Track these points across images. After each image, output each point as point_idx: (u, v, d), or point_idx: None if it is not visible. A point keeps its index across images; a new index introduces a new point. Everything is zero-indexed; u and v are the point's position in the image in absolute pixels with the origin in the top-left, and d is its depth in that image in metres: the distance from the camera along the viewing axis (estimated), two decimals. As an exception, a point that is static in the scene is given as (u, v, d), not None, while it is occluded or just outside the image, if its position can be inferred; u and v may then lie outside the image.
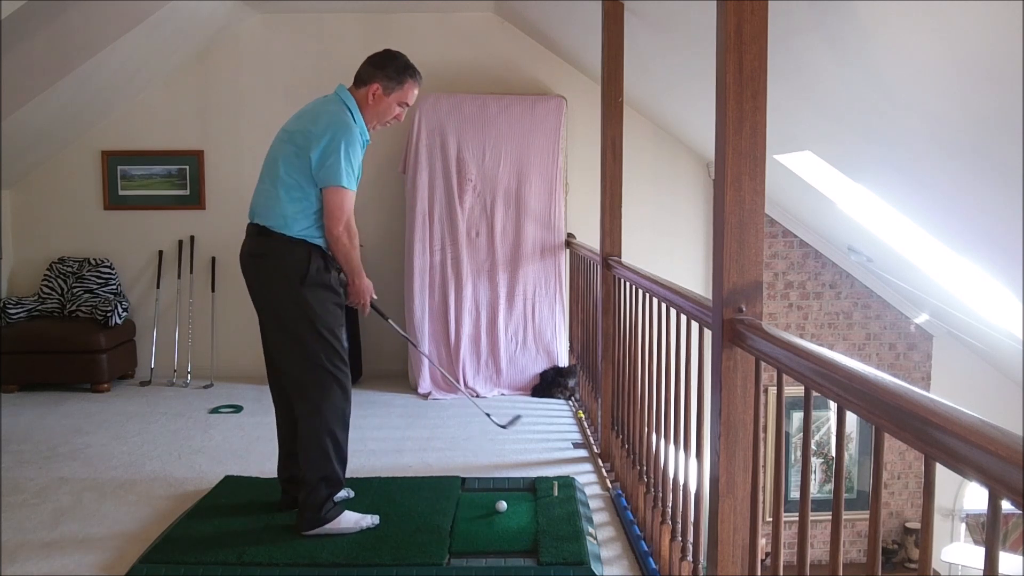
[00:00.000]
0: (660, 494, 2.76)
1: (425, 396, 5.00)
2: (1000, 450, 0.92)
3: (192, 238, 5.66)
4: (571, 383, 4.99)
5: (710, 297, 1.97)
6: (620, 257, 3.69)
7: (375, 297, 2.95)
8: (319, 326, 2.72)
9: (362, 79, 2.80)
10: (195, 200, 5.64)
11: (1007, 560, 5.93)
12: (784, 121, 3.91)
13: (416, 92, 2.87)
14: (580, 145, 5.49)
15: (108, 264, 5.55)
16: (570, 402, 4.89)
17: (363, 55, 5.75)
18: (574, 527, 2.83)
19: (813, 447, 2.38)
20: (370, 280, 2.91)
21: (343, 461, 2.82)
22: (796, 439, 6.17)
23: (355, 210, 2.82)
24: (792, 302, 6.21)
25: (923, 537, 1.17)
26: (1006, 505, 0.94)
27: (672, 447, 2.63)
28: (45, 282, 5.46)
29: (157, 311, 5.63)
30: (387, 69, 2.78)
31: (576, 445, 4.00)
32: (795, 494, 5.93)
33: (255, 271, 2.79)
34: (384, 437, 4.13)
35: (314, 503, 2.75)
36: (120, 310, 5.31)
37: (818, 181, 4.63)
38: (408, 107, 2.88)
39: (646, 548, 2.80)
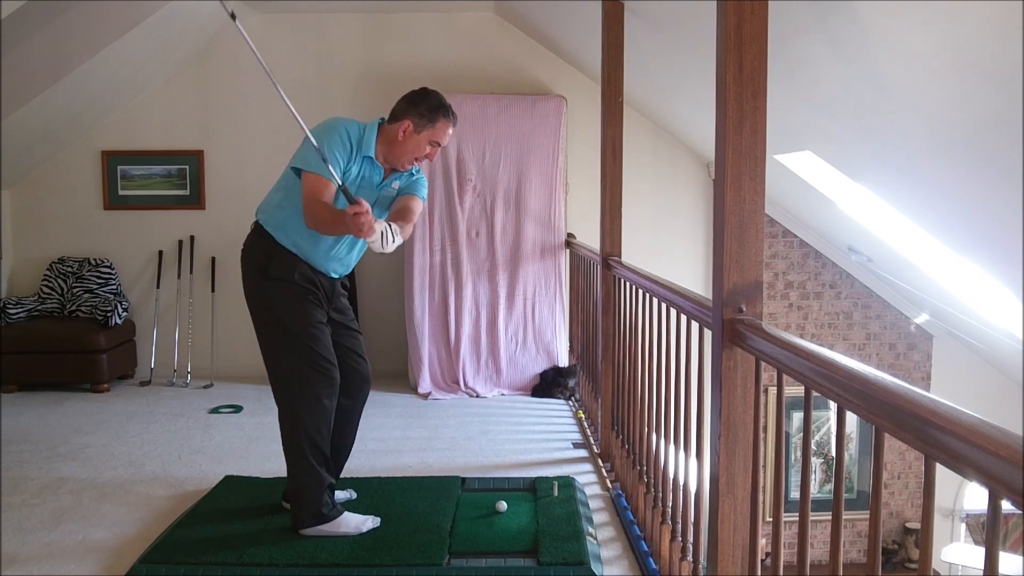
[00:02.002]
0: (660, 494, 2.76)
1: (425, 396, 5.00)
2: (1000, 450, 0.92)
3: (192, 238, 5.66)
4: (571, 383, 4.99)
5: (710, 297, 1.97)
6: (620, 257, 3.69)
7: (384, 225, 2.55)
8: (286, 322, 2.69)
9: (395, 115, 2.77)
10: (195, 200, 5.64)
11: (1007, 560, 5.93)
12: (784, 121, 3.91)
13: (450, 131, 2.81)
14: (580, 145, 5.49)
15: (108, 264, 5.55)
16: (570, 402, 4.89)
17: (363, 55, 5.81)
18: (574, 527, 2.83)
19: (813, 447, 2.37)
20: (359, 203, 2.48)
21: (323, 456, 2.76)
22: (796, 439, 6.17)
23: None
24: (792, 302, 6.21)
25: (923, 537, 1.17)
26: (1006, 505, 0.94)
27: (672, 447, 2.63)
28: (45, 282, 5.46)
29: (157, 311, 5.63)
30: (420, 107, 2.74)
31: (576, 445, 4.00)
32: (795, 494, 5.93)
33: (241, 265, 2.83)
34: (384, 437, 4.13)
35: (302, 500, 2.74)
36: (120, 310, 5.31)
37: (818, 181, 4.63)
38: (440, 146, 2.82)
39: (646, 548, 2.80)
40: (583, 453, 3.87)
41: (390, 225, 2.56)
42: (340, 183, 2.51)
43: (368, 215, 2.43)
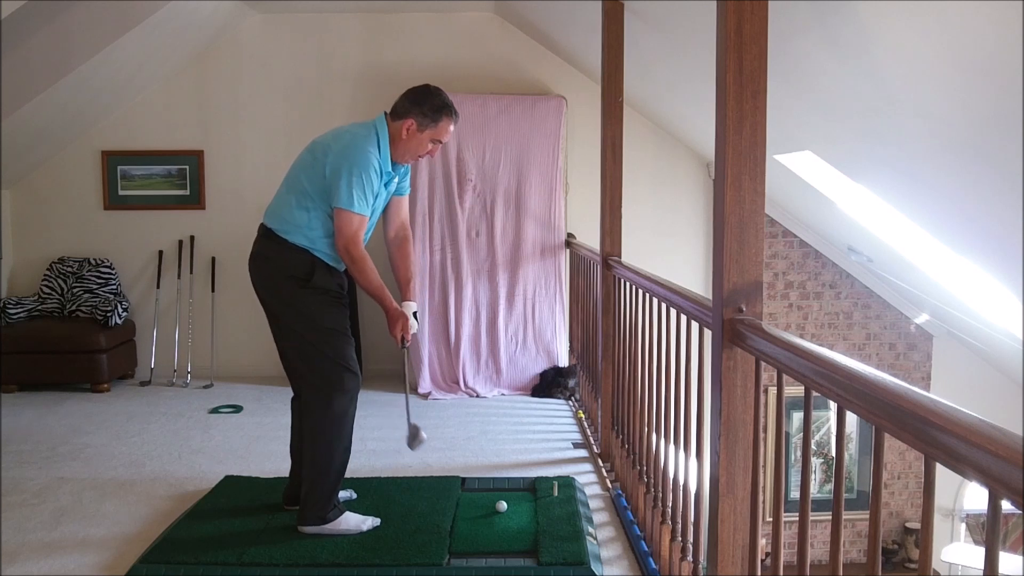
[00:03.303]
0: (660, 494, 2.76)
1: (425, 396, 5.01)
2: (1000, 450, 0.92)
3: (192, 238, 5.66)
4: (571, 383, 4.99)
5: (710, 297, 1.97)
6: (620, 257, 3.69)
7: (413, 326, 2.88)
8: (322, 323, 2.74)
9: (398, 113, 2.79)
10: (195, 200, 5.64)
11: (1007, 560, 5.93)
12: (784, 121, 3.91)
13: (452, 130, 2.84)
14: (580, 145, 5.49)
15: (108, 264, 5.55)
16: (570, 402, 4.89)
17: (364, 55, 5.82)
18: (574, 527, 2.83)
19: (813, 447, 2.37)
20: (403, 312, 2.82)
21: (346, 456, 2.82)
22: (796, 439, 6.17)
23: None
24: (792, 302, 6.21)
25: (923, 537, 1.17)
26: (1006, 505, 0.94)
27: (672, 447, 2.63)
28: (45, 282, 5.46)
29: (157, 311, 5.63)
30: (423, 106, 2.77)
31: (576, 445, 4.00)
32: (795, 494, 5.93)
33: (257, 272, 2.83)
34: (384, 437, 4.13)
35: (318, 498, 2.76)
36: (120, 310, 5.31)
37: (818, 181, 4.63)
38: (442, 144, 2.86)
39: (646, 548, 2.80)
40: (583, 453, 3.87)
41: (414, 315, 2.89)
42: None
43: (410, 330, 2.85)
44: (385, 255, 3.11)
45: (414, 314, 2.88)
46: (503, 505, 3.02)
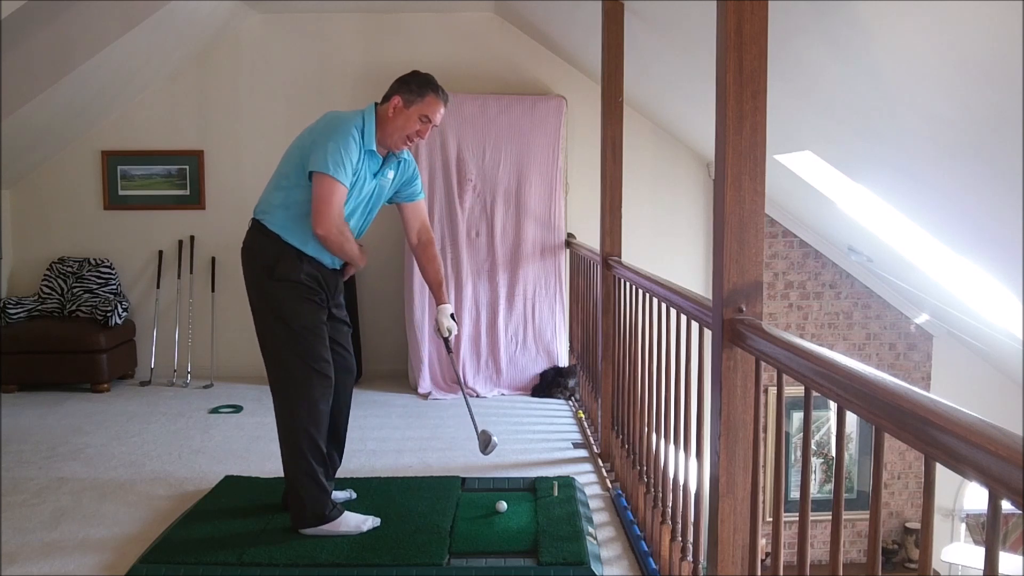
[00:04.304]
0: (660, 494, 2.76)
1: (425, 396, 5.01)
2: (1000, 450, 0.92)
3: (192, 238, 5.66)
4: (571, 383, 4.99)
5: (710, 297, 1.97)
6: (620, 257, 3.69)
7: (451, 328, 3.00)
8: (290, 321, 2.70)
9: (386, 97, 2.83)
10: (195, 200, 5.64)
11: (1007, 560, 5.93)
12: (784, 121, 3.91)
13: (441, 110, 2.85)
14: (580, 145, 5.49)
15: (108, 264, 5.55)
16: (570, 402, 4.89)
17: (364, 55, 5.82)
18: (574, 527, 2.83)
19: (813, 447, 2.37)
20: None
21: (322, 455, 2.78)
22: (796, 439, 6.17)
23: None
24: (792, 302, 6.21)
25: (923, 537, 1.17)
26: (1006, 505, 0.94)
27: (672, 447, 2.63)
28: (45, 282, 5.46)
29: (157, 311, 5.63)
30: (409, 83, 2.81)
31: (576, 445, 4.00)
32: (795, 494, 5.93)
33: (242, 264, 2.84)
34: (384, 437, 4.13)
35: (301, 500, 2.75)
36: (120, 310, 5.31)
37: (818, 181, 4.63)
38: (431, 123, 2.84)
39: (646, 548, 2.80)
40: (583, 453, 3.87)
41: (451, 316, 3.01)
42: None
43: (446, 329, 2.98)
44: (405, 263, 3.12)
45: (451, 315, 3.00)
46: (503, 505, 3.02)
